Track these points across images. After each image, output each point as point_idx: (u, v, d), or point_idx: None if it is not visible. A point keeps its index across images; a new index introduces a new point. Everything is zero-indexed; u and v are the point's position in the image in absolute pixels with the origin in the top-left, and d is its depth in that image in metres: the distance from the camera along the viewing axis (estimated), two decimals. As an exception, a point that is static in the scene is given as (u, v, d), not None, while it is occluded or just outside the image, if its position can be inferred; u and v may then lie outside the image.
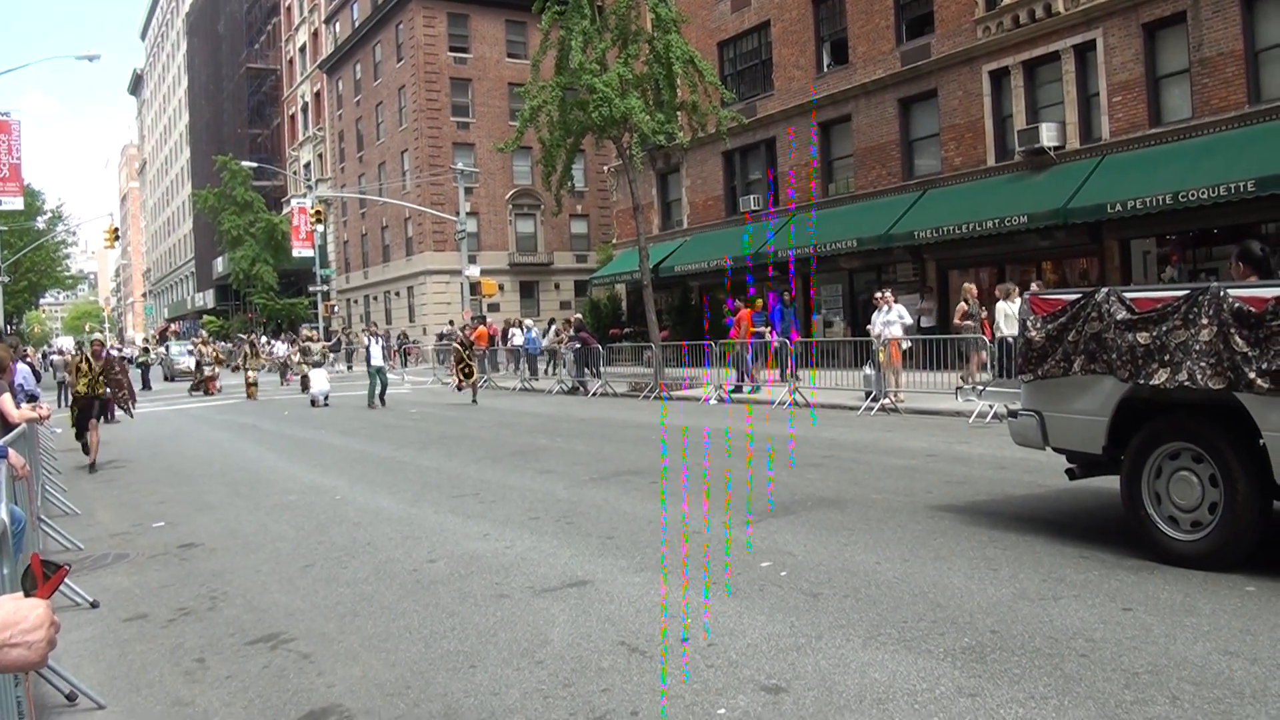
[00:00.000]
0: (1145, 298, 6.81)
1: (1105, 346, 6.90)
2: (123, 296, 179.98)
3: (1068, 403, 7.41)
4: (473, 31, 54.24)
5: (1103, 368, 6.97)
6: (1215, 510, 6.38)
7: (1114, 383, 6.94)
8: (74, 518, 10.74)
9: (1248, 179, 19.16)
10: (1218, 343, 6.17)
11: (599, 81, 24.15)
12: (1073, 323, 7.17)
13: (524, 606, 6.37)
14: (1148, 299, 6.76)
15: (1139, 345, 6.64)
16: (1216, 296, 6.21)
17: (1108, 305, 6.92)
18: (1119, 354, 6.78)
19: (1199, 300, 6.32)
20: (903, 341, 18.90)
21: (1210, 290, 6.27)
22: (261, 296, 67.95)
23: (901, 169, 29.18)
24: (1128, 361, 6.73)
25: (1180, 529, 6.59)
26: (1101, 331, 6.92)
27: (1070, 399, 7.38)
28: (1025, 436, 7.89)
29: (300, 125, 73.50)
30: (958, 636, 5.35)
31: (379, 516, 9.82)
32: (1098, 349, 6.97)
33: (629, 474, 11.74)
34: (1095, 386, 7.14)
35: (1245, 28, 20.91)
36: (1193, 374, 6.29)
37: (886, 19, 29.29)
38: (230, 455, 16.15)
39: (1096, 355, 6.99)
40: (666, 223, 39.94)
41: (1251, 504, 6.20)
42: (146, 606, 6.95)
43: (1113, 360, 6.85)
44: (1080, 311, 7.13)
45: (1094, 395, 7.17)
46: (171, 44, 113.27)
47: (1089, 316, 7.04)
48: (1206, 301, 6.27)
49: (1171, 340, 6.44)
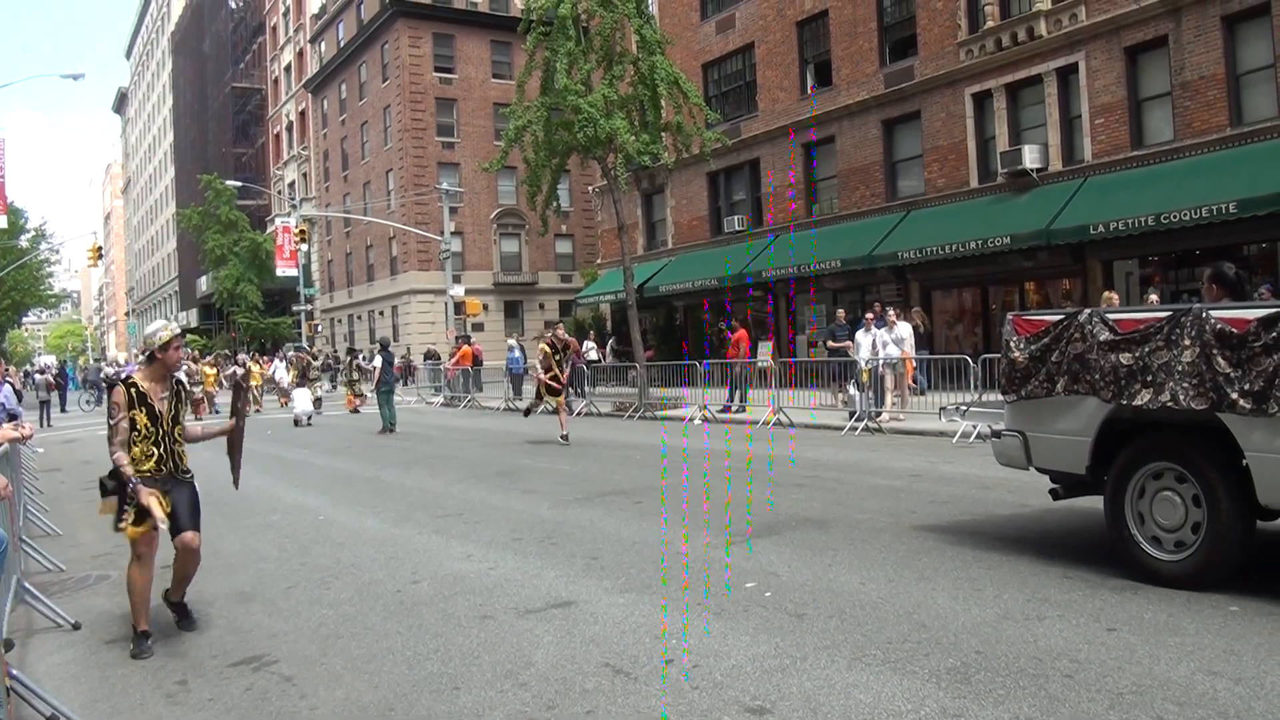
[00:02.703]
0: (1128, 319, 6.84)
1: (1088, 367, 6.92)
2: (105, 315, 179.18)
3: (1051, 423, 7.42)
4: (458, 52, 54.38)
5: (1086, 388, 6.98)
6: (1199, 530, 6.40)
7: (1097, 403, 6.95)
8: (56, 538, 10.68)
9: (1230, 201, 19.31)
10: (1200, 364, 6.20)
11: (584, 102, 24.20)
12: (1056, 343, 7.19)
13: (508, 628, 6.34)
14: (1130, 320, 6.80)
15: (1122, 366, 6.66)
16: (1199, 318, 6.24)
17: (1090, 326, 6.94)
18: (1102, 375, 6.80)
19: (1181, 321, 6.35)
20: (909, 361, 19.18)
21: (1193, 312, 6.31)
22: (245, 316, 67.72)
23: (885, 190, 29.31)
24: (1111, 382, 6.75)
25: (1164, 549, 6.61)
26: (1085, 352, 6.94)
27: (1053, 419, 7.40)
28: (1009, 457, 7.89)
29: (285, 144, 73.48)
30: (942, 657, 5.35)
31: (362, 537, 9.77)
32: (1081, 370, 6.98)
33: (614, 494, 11.71)
34: (1078, 407, 7.14)
35: (1227, 51, 21.12)
36: (1175, 395, 6.32)
37: (870, 41, 29.47)
38: (212, 475, 16.01)
39: (1080, 376, 7.00)
40: (651, 243, 40.01)
41: (1235, 524, 6.21)
42: (128, 628, 6.89)
43: (1096, 381, 6.86)
44: (1064, 332, 7.15)
45: (1077, 415, 7.18)
46: (156, 63, 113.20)
47: (1072, 337, 7.06)
48: (1189, 323, 6.30)
49: (1154, 361, 6.47)
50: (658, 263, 37.95)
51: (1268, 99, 20.59)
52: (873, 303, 23.78)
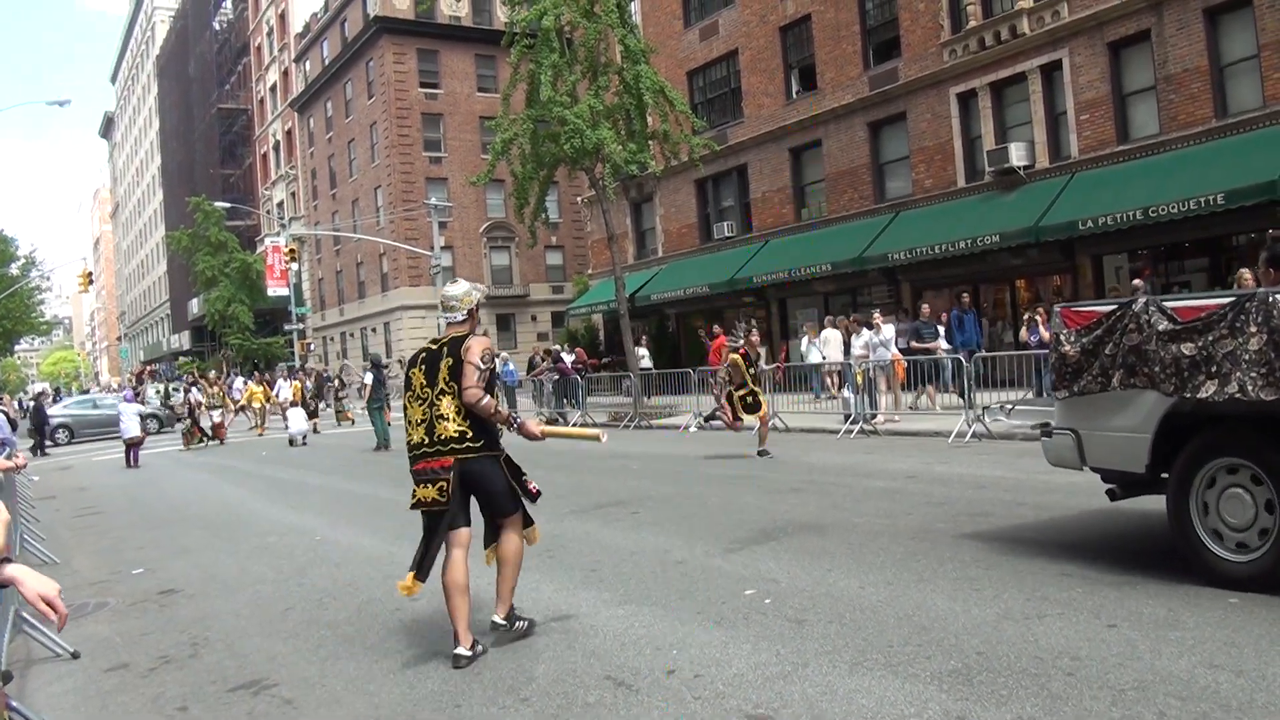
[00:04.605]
0: (1187, 306, 6.47)
1: (1146, 359, 6.54)
2: (97, 340, 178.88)
3: (1106, 419, 7.08)
4: (443, 67, 54.42)
5: (1144, 381, 6.61)
6: (1268, 534, 6.09)
7: (1157, 397, 6.58)
8: (53, 566, 10.62)
9: (1217, 192, 19.36)
10: (1269, 351, 5.88)
11: (570, 113, 24.24)
12: (1109, 335, 6.81)
13: (507, 643, 6.32)
14: (1190, 308, 6.43)
15: (1184, 357, 6.28)
16: (1265, 303, 5.92)
17: (1147, 316, 6.56)
18: (1162, 366, 6.41)
19: (1246, 308, 6.01)
20: (900, 362, 19.11)
21: (1258, 297, 6.00)
22: (237, 337, 67.60)
23: (873, 192, 29.36)
24: (1172, 374, 6.36)
25: (1231, 548, 6.33)
26: (1142, 344, 6.56)
27: (1109, 415, 7.05)
28: (1061, 456, 7.50)
29: (272, 164, 73.48)
30: (944, 659, 5.34)
31: (360, 556, 9.74)
32: (1138, 362, 6.60)
33: (611, 505, 11.70)
34: (1136, 401, 6.78)
35: (1210, 44, 21.20)
36: (1243, 385, 5.98)
37: (854, 45, 29.54)
38: (209, 497, 16.04)
39: (1137, 369, 6.62)
40: (641, 251, 40.05)
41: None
42: (128, 655, 6.87)
43: (1155, 373, 6.48)
44: (1117, 323, 6.77)
45: (1135, 411, 6.83)
46: (142, 86, 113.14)
47: (1127, 328, 6.68)
48: (1254, 309, 5.96)
49: (1218, 350, 6.12)
50: (649, 271, 37.98)
51: (1252, 90, 20.66)
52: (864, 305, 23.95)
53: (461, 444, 6.00)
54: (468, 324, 6.31)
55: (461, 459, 6.00)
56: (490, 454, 6.11)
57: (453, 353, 6.06)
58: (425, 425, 6.08)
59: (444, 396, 6.02)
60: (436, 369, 6.08)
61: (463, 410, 5.99)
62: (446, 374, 6.03)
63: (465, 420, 6.00)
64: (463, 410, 5.99)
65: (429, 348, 6.27)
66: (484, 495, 6.21)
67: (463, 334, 6.19)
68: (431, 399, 6.07)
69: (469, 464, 6.02)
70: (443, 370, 6.04)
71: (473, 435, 6.01)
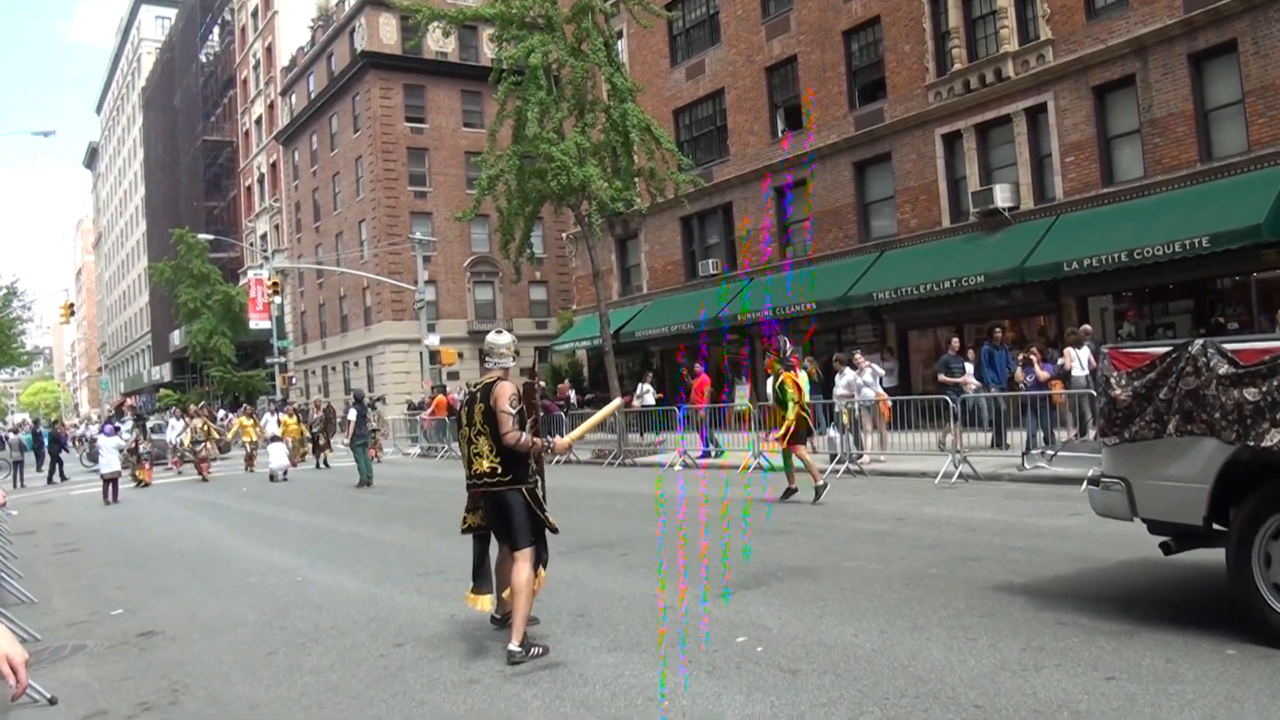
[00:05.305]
0: (1249, 349, 6.17)
1: (1205, 404, 6.18)
2: (78, 371, 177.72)
3: (1160, 468, 6.66)
4: (429, 102, 54.49)
5: (1202, 429, 6.22)
6: None
7: (1216, 445, 6.20)
8: (31, 606, 10.42)
9: (1202, 235, 19.48)
10: None
11: (556, 150, 24.25)
12: (1164, 379, 6.47)
13: (495, 692, 6.19)
14: (1252, 350, 6.12)
15: (1247, 402, 5.93)
16: None
17: (1205, 358, 6.23)
18: (1223, 413, 6.05)
19: None
20: (885, 402, 19.01)
21: None
22: (219, 369, 67.20)
23: (858, 231, 29.45)
24: (1234, 421, 5.99)
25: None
26: (1200, 388, 6.21)
27: (1164, 464, 6.63)
28: (1110, 506, 7.09)
29: (257, 197, 73.32)
30: (941, 712, 5.25)
31: (342, 598, 9.59)
32: (1195, 408, 6.25)
33: (598, 546, 11.57)
34: (1193, 449, 6.40)
35: (1194, 88, 21.38)
36: None
37: (840, 85, 29.71)
38: (188, 534, 15.82)
39: (1194, 415, 6.25)
40: (626, 288, 40.05)
41: None
42: (106, 702, 6.71)
43: (1215, 420, 6.11)
44: (1172, 366, 6.43)
45: (1192, 459, 6.43)
46: (127, 117, 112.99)
47: (1183, 371, 6.34)
48: None
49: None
50: (633, 308, 37.97)
51: (1236, 134, 20.83)
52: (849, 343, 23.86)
53: (493, 478, 7.03)
54: (498, 370, 7.31)
55: (491, 491, 7.08)
56: (514, 487, 7.05)
57: (484, 399, 7.04)
58: (467, 460, 7.18)
59: (480, 436, 7.04)
60: (473, 411, 7.08)
61: (494, 448, 6.97)
62: (480, 417, 7.03)
63: (497, 457, 6.98)
64: (494, 448, 6.97)
65: (472, 391, 7.25)
66: (504, 525, 7.13)
67: (493, 380, 7.15)
68: (470, 437, 7.11)
69: (497, 496, 7.07)
70: (477, 414, 7.05)
71: (502, 471, 7.00)
